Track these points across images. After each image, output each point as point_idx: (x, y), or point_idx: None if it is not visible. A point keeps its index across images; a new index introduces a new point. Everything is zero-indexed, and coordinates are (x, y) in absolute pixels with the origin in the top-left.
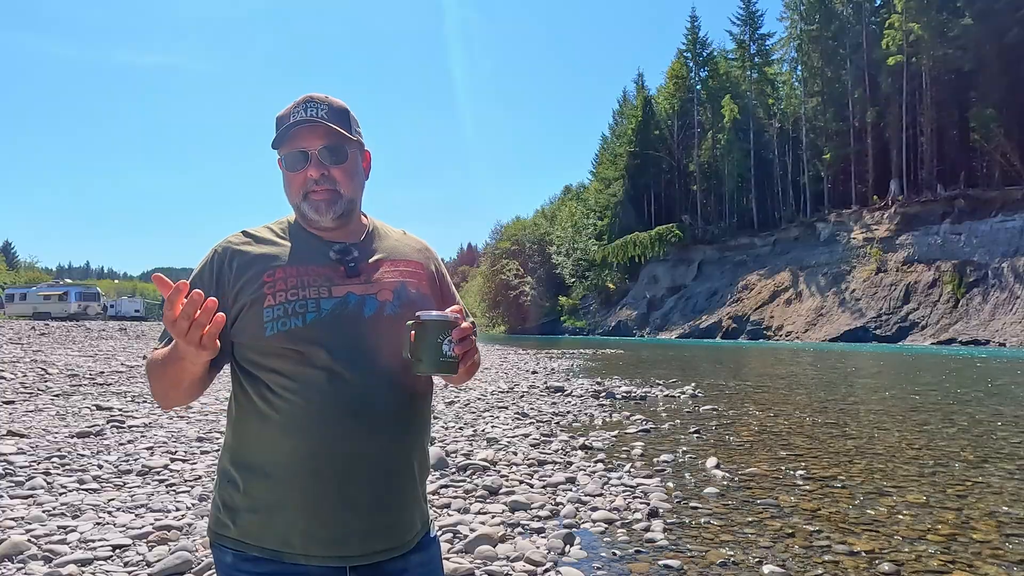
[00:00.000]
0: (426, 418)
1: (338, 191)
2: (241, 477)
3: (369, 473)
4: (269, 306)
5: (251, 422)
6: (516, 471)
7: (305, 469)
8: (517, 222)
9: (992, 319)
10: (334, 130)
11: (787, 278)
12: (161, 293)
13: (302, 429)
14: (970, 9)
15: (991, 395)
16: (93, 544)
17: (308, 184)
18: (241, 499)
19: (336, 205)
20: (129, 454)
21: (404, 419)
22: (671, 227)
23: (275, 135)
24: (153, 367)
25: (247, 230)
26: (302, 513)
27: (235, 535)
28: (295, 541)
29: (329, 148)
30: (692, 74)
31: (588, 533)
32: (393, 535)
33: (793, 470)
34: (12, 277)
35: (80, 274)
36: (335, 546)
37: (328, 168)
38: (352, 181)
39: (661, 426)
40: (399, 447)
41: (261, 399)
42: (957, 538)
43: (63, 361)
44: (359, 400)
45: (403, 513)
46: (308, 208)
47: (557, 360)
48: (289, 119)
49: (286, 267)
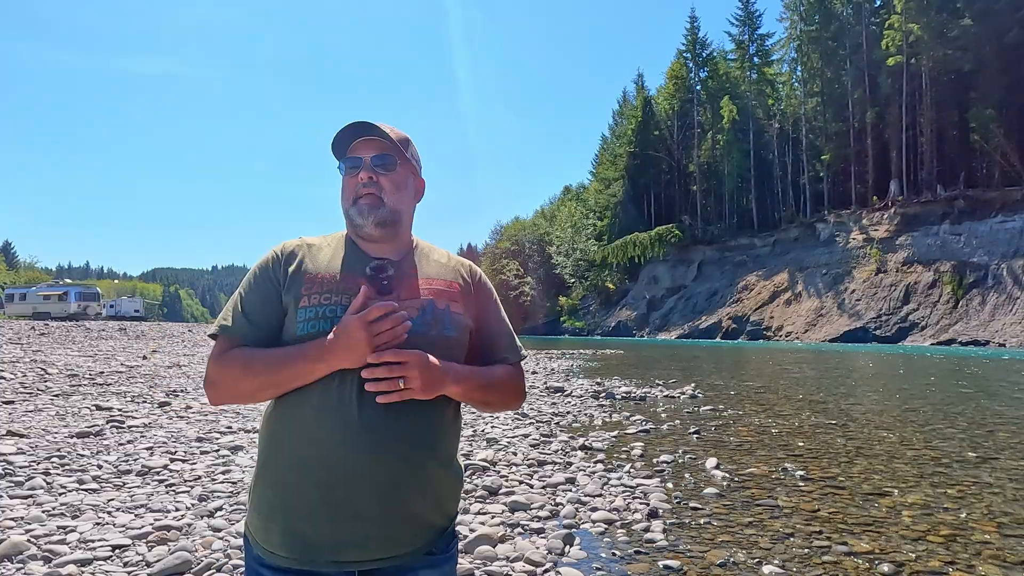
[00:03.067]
0: (447, 438)
1: (382, 198)
2: (267, 480)
3: (380, 488)
4: (303, 307)
5: (274, 428)
6: (516, 471)
7: (311, 479)
8: (517, 222)
9: (992, 320)
10: (388, 144)
11: (787, 278)
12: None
13: (318, 440)
14: (970, 10)
15: (991, 396)
16: (93, 544)
17: (358, 188)
18: (261, 503)
19: (379, 211)
20: (129, 454)
21: (415, 436)
22: (671, 227)
23: (333, 148)
24: (256, 362)
25: (304, 237)
26: (308, 520)
27: (254, 535)
28: (299, 547)
29: (380, 157)
30: (692, 74)
31: (588, 533)
32: (397, 546)
33: (793, 470)
34: (12, 277)
35: (80, 274)
36: (337, 552)
37: (377, 175)
38: (398, 193)
39: (661, 426)
40: (406, 463)
41: (287, 406)
42: (957, 538)
43: (63, 361)
44: (369, 415)
45: (412, 529)
46: (355, 212)
47: (557, 360)
48: (351, 131)
49: (325, 272)
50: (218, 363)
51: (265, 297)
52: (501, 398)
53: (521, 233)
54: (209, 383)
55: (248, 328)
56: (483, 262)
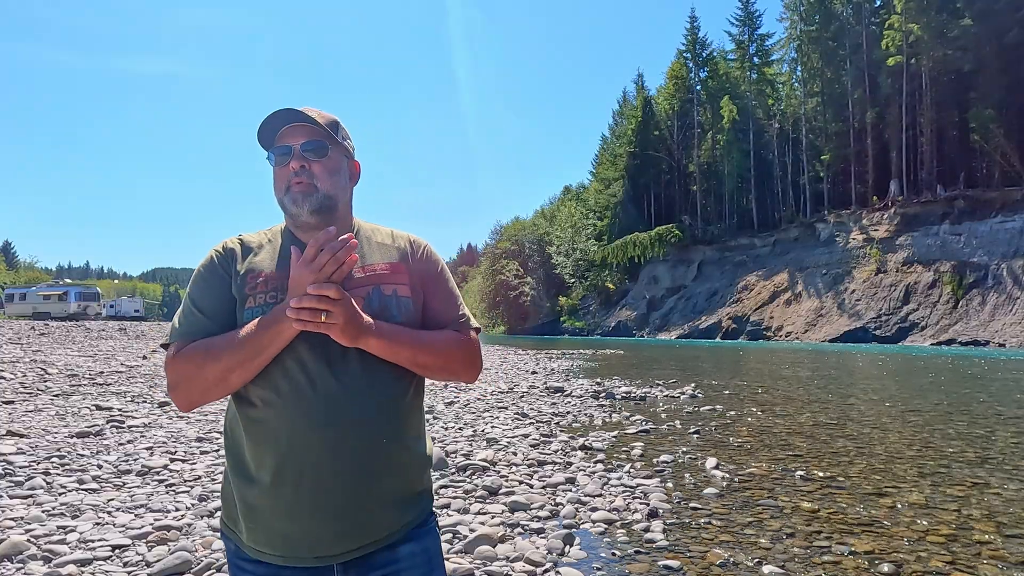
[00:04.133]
0: (408, 418)
1: (315, 185)
2: (235, 481)
3: (344, 478)
4: (249, 308)
5: (237, 428)
6: (516, 471)
7: (280, 476)
8: (517, 222)
9: (992, 320)
10: (317, 129)
11: (787, 279)
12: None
13: (277, 438)
14: (970, 10)
15: (991, 396)
16: (92, 544)
17: (290, 177)
18: (237, 502)
19: (312, 198)
20: (129, 454)
21: (380, 423)
22: (671, 227)
23: (260, 137)
24: (218, 344)
25: (241, 235)
26: (282, 518)
27: (233, 531)
28: (278, 544)
29: (310, 143)
30: (692, 74)
31: (588, 533)
32: (372, 532)
33: (793, 470)
34: (12, 277)
35: (80, 274)
36: (315, 547)
37: (308, 162)
38: (331, 178)
39: (661, 426)
40: (376, 451)
41: (243, 405)
42: (957, 538)
43: (63, 361)
44: (332, 409)
45: (385, 512)
46: (289, 201)
47: (557, 360)
48: (277, 119)
49: (267, 270)
50: (175, 362)
51: (217, 293)
52: (438, 362)
53: (521, 233)
54: (171, 387)
55: (206, 324)
56: (483, 262)
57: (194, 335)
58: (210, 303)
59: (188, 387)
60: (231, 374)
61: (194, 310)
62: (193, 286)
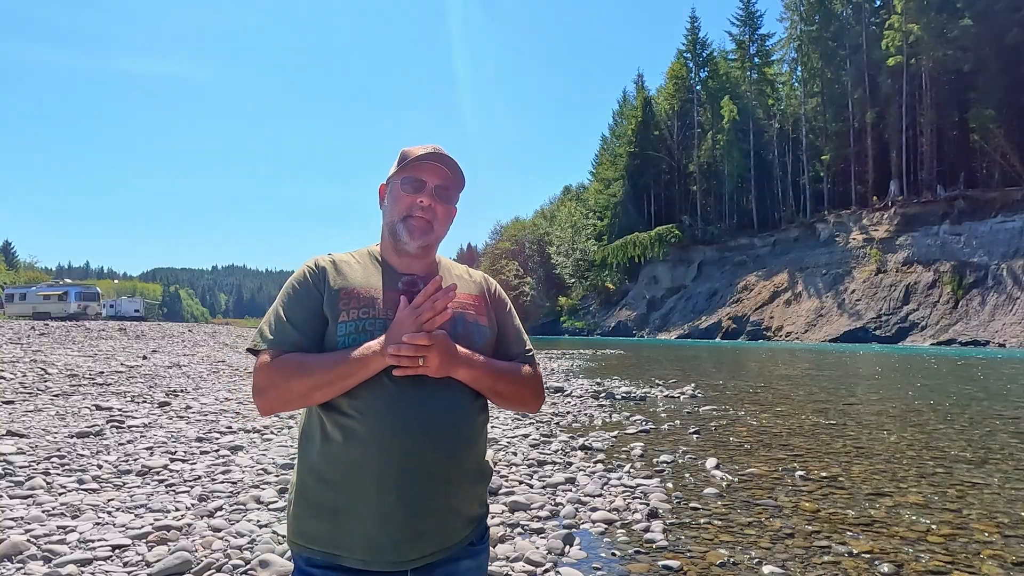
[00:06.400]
0: (479, 435)
1: (432, 224)
2: (316, 487)
3: (428, 486)
4: (343, 321)
5: (317, 436)
6: (516, 471)
7: (368, 482)
8: (517, 222)
9: (992, 320)
10: (452, 178)
11: (787, 279)
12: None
13: (366, 445)
14: (970, 10)
15: (991, 396)
16: (92, 544)
17: (413, 208)
18: (311, 509)
19: (427, 235)
20: (129, 454)
21: (459, 435)
22: (671, 227)
23: (402, 162)
24: (311, 362)
25: (332, 254)
26: (371, 523)
27: (304, 542)
28: (364, 548)
29: (443, 187)
30: (692, 75)
31: (588, 534)
32: (446, 539)
33: (793, 470)
34: (12, 277)
35: (80, 274)
36: (398, 552)
37: (436, 202)
38: (445, 223)
39: (661, 426)
40: (455, 460)
41: (333, 413)
42: (957, 538)
43: (63, 361)
44: (418, 419)
45: (456, 521)
46: (403, 229)
47: (557, 360)
48: (431, 156)
49: (360, 287)
50: (267, 368)
51: (309, 308)
52: (512, 390)
53: (521, 233)
54: (258, 391)
55: (296, 336)
56: (483, 262)
57: (284, 346)
58: (301, 316)
59: (274, 394)
60: (316, 391)
61: (285, 322)
62: (286, 299)
